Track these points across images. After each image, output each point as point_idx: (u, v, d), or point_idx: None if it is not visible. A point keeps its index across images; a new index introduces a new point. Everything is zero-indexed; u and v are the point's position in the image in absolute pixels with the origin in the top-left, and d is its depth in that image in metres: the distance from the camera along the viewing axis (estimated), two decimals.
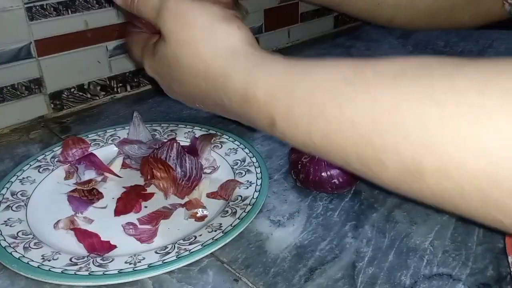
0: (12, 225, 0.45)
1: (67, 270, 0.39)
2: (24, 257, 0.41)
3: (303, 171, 0.49)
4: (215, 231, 0.43)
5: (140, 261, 0.40)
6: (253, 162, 0.53)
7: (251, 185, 0.50)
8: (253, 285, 0.39)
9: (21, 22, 0.62)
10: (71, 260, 0.41)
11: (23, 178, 0.52)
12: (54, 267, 0.40)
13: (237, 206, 0.47)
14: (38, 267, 0.40)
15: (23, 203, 0.48)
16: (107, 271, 0.39)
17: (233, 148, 0.56)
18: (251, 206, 0.46)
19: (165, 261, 0.40)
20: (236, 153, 0.55)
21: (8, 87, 0.63)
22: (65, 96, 0.69)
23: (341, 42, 0.97)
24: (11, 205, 0.48)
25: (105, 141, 0.58)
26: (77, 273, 0.39)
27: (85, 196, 0.49)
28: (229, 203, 0.48)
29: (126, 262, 0.40)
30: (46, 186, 0.51)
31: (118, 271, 0.39)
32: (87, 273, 0.39)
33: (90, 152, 0.55)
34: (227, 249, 0.43)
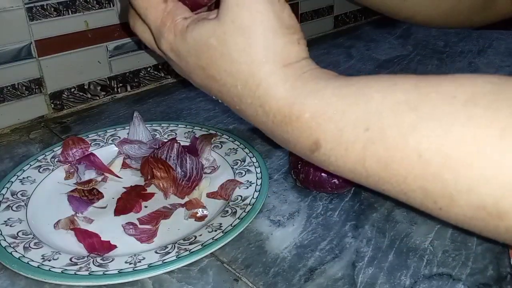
0: (12, 225, 0.45)
1: (67, 270, 0.39)
2: (24, 257, 0.41)
3: (303, 171, 0.49)
4: (215, 231, 0.43)
5: (140, 261, 0.40)
6: (253, 162, 0.53)
7: (251, 185, 0.50)
8: (253, 285, 0.39)
9: (21, 22, 0.62)
10: (71, 260, 0.41)
11: (23, 178, 0.52)
12: (54, 267, 0.40)
13: (237, 206, 0.47)
14: (38, 267, 0.40)
15: (23, 203, 0.48)
16: (107, 271, 0.39)
17: (233, 148, 0.56)
18: (251, 206, 0.46)
19: (165, 261, 0.40)
20: (236, 153, 0.56)
21: (9, 87, 0.63)
22: (65, 96, 0.69)
23: (341, 42, 0.97)
24: (11, 205, 0.48)
25: (105, 141, 0.58)
26: (77, 273, 0.39)
27: (85, 196, 0.49)
28: (229, 203, 0.48)
29: (126, 262, 0.40)
30: (46, 186, 0.51)
31: (118, 271, 0.39)
32: (87, 273, 0.39)
33: (90, 152, 0.55)
34: (227, 249, 0.43)
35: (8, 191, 0.49)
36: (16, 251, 0.41)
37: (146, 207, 0.48)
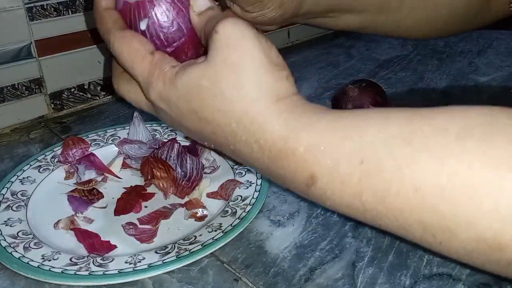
0: (12, 225, 0.45)
1: (67, 270, 0.39)
2: (24, 257, 0.41)
3: None
4: (215, 231, 0.43)
5: (140, 261, 0.40)
6: None
7: (251, 185, 0.50)
8: (253, 285, 0.39)
9: (21, 22, 0.62)
10: (71, 260, 0.41)
11: (23, 178, 0.52)
12: (54, 267, 0.40)
13: (237, 206, 0.47)
14: (38, 267, 0.40)
15: (23, 203, 0.48)
16: (107, 271, 0.39)
17: None
18: (251, 206, 0.46)
19: (165, 261, 0.40)
20: None
21: (9, 87, 0.63)
22: (65, 96, 0.69)
23: (341, 42, 0.97)
24: (11, 205, 0.48)
25: (105, 141, 0.58)
26: (77, 273, 0.39)
27: (85, 196, 0.49)
28: (229, 203, 0.48)
29: (126, 262, 0.40)
30: (46, 186, 0.51)
31: (118, 271, 0.39)
32: (87, 273, 0.39)
33: (90, 152, 0.55)
34: (227, 249, 0.43)
35: (8, 191, 0.49)
36: (16, 251, 0.41)
37: (146, 207, 0.48)
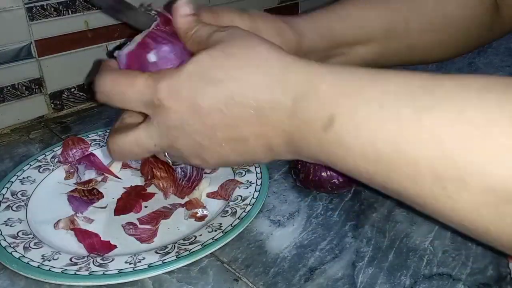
0: (12, 225, 0.45)
1: (67, 270, 0.39)
2: (24, 257, 0.41)
3: (303, 171, 0.49)
4: (215, 231, 0.43)
5: (140, 261, 0.40)
6: None
7: (251, 185, 0.50)
8: (253, 285, 0.39)
9: (21, 22, 0.62)
10: (71, 260, 0.41)
11: (23, 178, 0.52)
12: (54, 267, 0.40)
13: (237, 206, 0.47)
14: (38, 267, 0.40)
15: (23, 203, 0.48)
16: (107, 271, 0.39)
17: None
18: (251, 206, 0.46)
19: (165, 261, 0.40)
20: None
21: (9, 87, 0.63)
22: (65, 96, 0.69)
23: None
24: (11, 205, 0.48)
25: (105, 141, 0.58)
26: (77, 273, 0.39)
27: (85, 196, 0.49)
28: (229, 203, 0.48)
29: (126, 262, 0.40)
30: (46, 186, 0.51)
31: (118, 271, 0.39)
32: (87, 273, 0.39)
33: (90, 152, 0.55)
34: (227, 249, 0.43)
35: (8, 191, 0.49)
36: (16, 251, 0.41)
37: (146, 207, 0.48)
